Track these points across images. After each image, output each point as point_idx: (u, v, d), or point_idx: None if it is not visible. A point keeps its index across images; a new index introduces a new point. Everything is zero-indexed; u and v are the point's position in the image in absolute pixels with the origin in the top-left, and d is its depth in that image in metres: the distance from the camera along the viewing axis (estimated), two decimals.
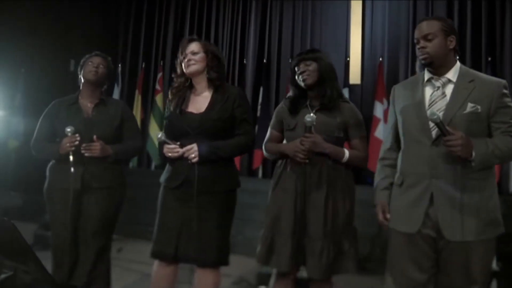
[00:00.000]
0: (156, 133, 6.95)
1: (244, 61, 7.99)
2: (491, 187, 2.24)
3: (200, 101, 2.76)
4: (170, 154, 2.65)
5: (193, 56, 2.73)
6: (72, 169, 2.88)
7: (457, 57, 2.34)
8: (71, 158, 2.87)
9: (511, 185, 5.75)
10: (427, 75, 2.32)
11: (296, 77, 2.80)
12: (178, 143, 2.64)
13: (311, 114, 2.64)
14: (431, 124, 2.18)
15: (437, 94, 2.25)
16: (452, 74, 2.26)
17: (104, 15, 8.94)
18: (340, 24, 7.50)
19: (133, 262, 2.99)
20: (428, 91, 2.29)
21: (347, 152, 2.71)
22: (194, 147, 2.60)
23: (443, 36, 2.24)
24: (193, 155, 2.60)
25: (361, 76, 7.16)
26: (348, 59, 7.08)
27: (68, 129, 2.85)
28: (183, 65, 2.76)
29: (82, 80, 3.11)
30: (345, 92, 6.69)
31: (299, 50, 7.62)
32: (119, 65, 8.55)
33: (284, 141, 2.92)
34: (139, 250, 5.10)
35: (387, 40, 7.11)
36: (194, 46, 2.78)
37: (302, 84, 2.77)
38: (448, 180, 2.16)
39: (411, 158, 2.29)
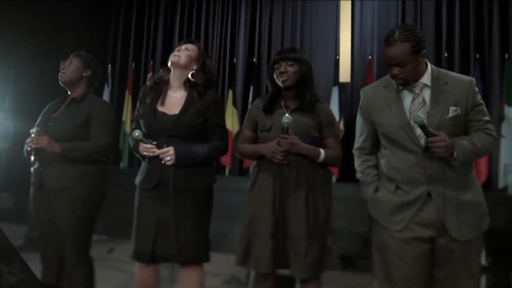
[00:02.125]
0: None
1: (234, 60, 8.00)
2: (475, 182, 2.30)
3: (174, 101, 2.74)
4: (145, 153, 2.66)
5: (183, 51, 2.74)
6: (31, 168, 2.90)
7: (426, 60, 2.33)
8: (32, 157, 2.87)
9: (500, 181, 5.79)
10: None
11: (275, 75, 2.76)
12: (155, 142, 2.63)
13: (288, 115, 2.60)
14: (418, 133, 2.19)
15: (418, 101, 2.25)
16: (426, 79, 2.27)
17: (94, 16, 8.91)
18: (329, 22, 7.53)
19: (123, 262, 2.98)
20: (406, 98, 2.29)
21: (323, 152, 2.70)
22: (170, 150, 2.59)
23: (414, 57, 2.19)
24: (168, 158, 2.59)
25: (351, 74, 7.19)
26: (337, 57, 7.10)
27: (33, 130, 2.83)
28: (170, 57, 2.76)
29: None
30: (335, 90, 6.72)
31: None
32: (109, 65, 8.53)
33: None
34: (129, 250, 5.11)
35: (377, 38, 7.14)
36: (189, 45, 2.78)
37: (280, 83, 2.75)
38: (444, 182, 2.19)
39: (402, 167, 2.28)
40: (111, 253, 5.13)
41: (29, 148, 2.83)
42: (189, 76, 2.74)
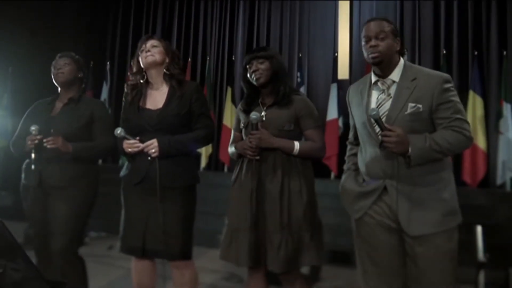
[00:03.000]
0: None
1: (233, 57, 8.00)
2: (445, 179, 2.27)
3: (157, 97, 2.79)
4: (130, 150, 2.68)
5: (153, 48, 2.78)
6: (33, 166, 2.91)
7: (405, 57, 2.38)
8: (33, 155, 2.90)
9: (498, 178, 5.80)
10: (373, 78, 2.36)
11: (248, 75, 2.81)
12: (138, 138, 2.66)
13: (256, 112, 2.67)
14: (378, 129, 2.22)
15: (383, 97, 2.29)
16: (395, 74, 2.30)
17: (92, 13, 8.91)
18: (328, 19, 7.53)
19: (123, 259, 3.01)
20: (374, 94, 2.34)
21: (297, 144, 2.72)
22: (154, 142, 2.63)
23: (392, 37, 2.27)
24: (153, 150, 2.63)
25: (349, 71, 7.20)
26: (336, 54, 7.10)
27: (32, 128, 2.86)
28: (140, 59, 2.79)
29: None
30: (334, 87, 6.73)
31: (287, 45, 7.66)
32: (108, 63, 8.53)
33: None
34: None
35: None
36: (154, 42, 2.83)
37: (254, 82, 2.79)
38: (401, 178, 2.20)
39: (367, 161, 2.34)
40: (110, 250, 5.15)
41: (32, 146, 2.86)
42: (165, 70, 2.81)
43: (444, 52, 6.39)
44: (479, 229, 3.74)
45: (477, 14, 6.47)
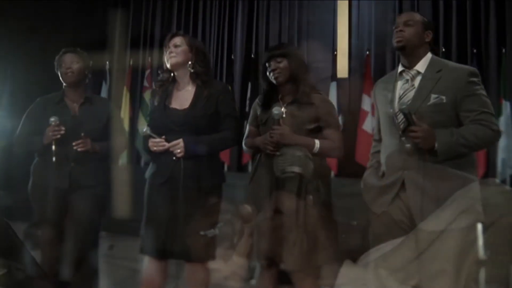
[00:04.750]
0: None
1: (232, 56, 7.98)
2: (464, 177, 2.25)
3: (184, 97, 2.77)
4: (155, 148, 2.66)
5: (175, 49, 2.75)
6: (54, 159, 2.90)
7: (432, 52, 2.41)
8: (53, 147, 2.87)
9: (498, 175, 5.79)
10: (400, 68, 2.40)
11: (268, 73, 2.80)
12: (163, 137, 2.65)
13: (278, 107, 2.69)
14: (400, 118, 2.22)
15: (407, 87, 2.31)
16: (421, 66, 2.33)
17: (91, 13, 8.88)
18: (327, 17, 7.51)
19: (123, 258, 3.02)
20: (399, 84, 2.36)
21: (317, 143, 2.73)
22: (180, 142, 2.63)
23: (421, 27, 2.33)
24: (178, 150, 2.62)
25: (348, 70, 7.17)
26: (335, 52, 7.08)
27: (52, 119, 2.85)
28: (165, 59, 2.78)
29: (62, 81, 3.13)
30: (333, 86, 6.72)
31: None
32: (107, 62, 8.51)
33: None
34: (129, 247, 5.11)
35: (374, 33, 7.13)
36: (177, 40, 2.80)
37: (273, 81, 2.77)
38: (419, 170, 2.21)
39: (388, 151, 2.37)
40: (111, 249, 5.14)
41: (58, 136, 2.86)
42: (190, 69, 2.76)
43: (443, 50, 6.38)
44: (479, 226, 3.74)
45: (475, 12, 6.46)
